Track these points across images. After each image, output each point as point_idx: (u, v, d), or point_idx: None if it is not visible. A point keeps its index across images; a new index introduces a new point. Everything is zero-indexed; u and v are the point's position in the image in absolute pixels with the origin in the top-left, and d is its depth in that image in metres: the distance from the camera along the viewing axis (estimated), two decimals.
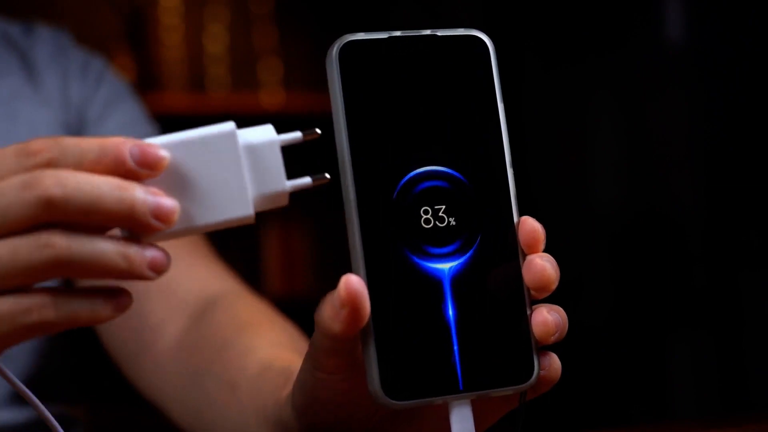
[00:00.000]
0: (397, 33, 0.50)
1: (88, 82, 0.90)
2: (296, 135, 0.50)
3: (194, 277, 0.82)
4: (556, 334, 0.49)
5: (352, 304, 0.46)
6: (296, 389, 0.53)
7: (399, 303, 0.48)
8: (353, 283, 0.46)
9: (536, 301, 0.50)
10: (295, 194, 0.49)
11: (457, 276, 0.48)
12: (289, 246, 2.10)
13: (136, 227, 0.47)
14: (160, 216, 0.47)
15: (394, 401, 0.47)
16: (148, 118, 0.93)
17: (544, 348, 0.50)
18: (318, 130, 0.50)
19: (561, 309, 0.50)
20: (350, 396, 0.51)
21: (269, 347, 0.70)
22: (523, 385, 0.49)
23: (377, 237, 0.48)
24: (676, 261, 1.79)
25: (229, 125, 0.48)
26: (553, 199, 1.89)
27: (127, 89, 0.94)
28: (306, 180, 0.50)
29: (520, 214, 0.50)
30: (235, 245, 1.93)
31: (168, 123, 0.94)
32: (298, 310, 0.85)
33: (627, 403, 1.84)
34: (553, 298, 0.50)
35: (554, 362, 0.50)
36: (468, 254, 0.49)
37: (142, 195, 0.46)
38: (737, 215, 1.73)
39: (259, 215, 0.49)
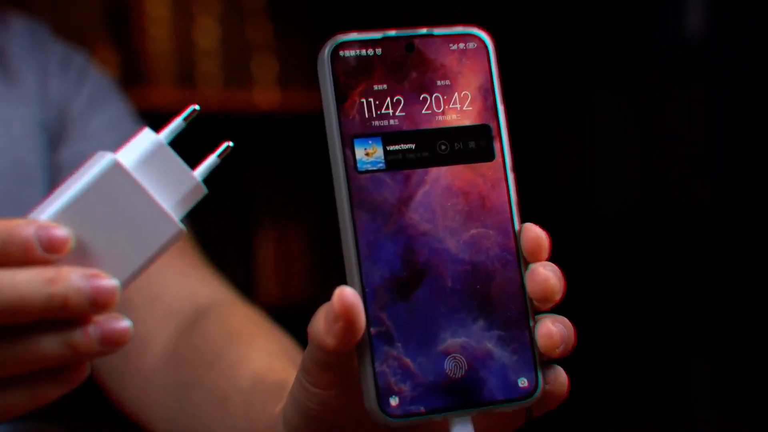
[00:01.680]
0: (392, 32, 0.50)
1: (69, 77, 0.90)
2: (177, 123, 0.50)
3: (184, 285, 0.82)
4: (562, 347, 0.49)
5: (346, 317, 0.46)
6: (289, 404, 0.53)
7: (396, 315, 0.48)
8: (348, 295, 0.46)
9: (541, 312, 0.50)
10: (291, 197, 0.49)
11: (457, 286, 0.49)
12: (284, 251, 2.10)
13: (75, 318, 0.46)
14: (99, 302, 0.46)
15: (391, 419, 0.47)
16: (134, 116, 0.92)
17: (550, 361, 0.50)
18: (197, 106, 0.50)
19: (567, 320, 0.49)
20: (345, 413, 0.51)
21: (262, 358, 0.70)
22: (527, 401, 0.48)
23: (373, 244, 0.48)
24: (692, 269, 1.79)
25: (107, 158, 0.47)
26: (560, 202, 1.88)
27: (112, 86, 0.93)
28: (212, 159, 0.50)
29: (525, 218, 0.50)
30: (229, 251, 1.94)
31: (155, 120, 0.94)
32: (294, 317, 0.85)
33: (641, 416, 1.84)
34: (561, 305, 0.50)
35: (560, 376, 0.49)
36: (468, 263, 0.49)
37: (77, 283, 0.45)
38: (758, 220, 1.73)
39: (255, 220, 0.49)
